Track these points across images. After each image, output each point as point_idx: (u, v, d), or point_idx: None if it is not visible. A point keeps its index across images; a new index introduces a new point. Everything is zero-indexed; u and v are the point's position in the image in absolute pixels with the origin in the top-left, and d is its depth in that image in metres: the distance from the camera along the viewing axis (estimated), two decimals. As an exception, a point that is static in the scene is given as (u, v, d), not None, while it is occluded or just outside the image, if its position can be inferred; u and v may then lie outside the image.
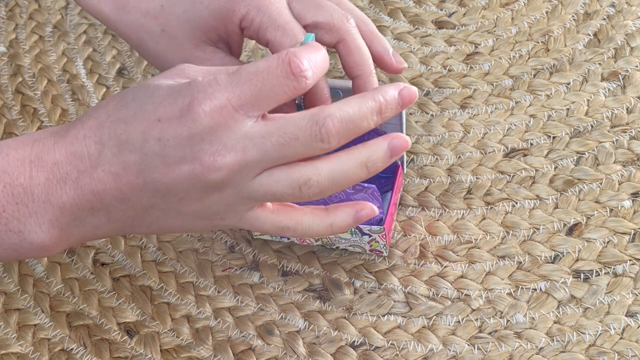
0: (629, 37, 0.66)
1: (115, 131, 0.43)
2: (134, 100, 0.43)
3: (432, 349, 0.53)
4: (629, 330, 0.52)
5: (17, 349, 0.55)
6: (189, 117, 0.41)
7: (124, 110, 0.43)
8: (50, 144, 0.44)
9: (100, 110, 0.44)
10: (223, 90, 0.41)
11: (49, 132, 0.45)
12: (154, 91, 0.43)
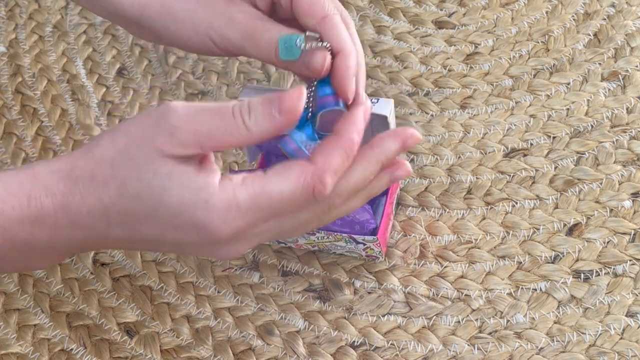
0: (629, 37, 0.66)
1: (126, 222, 0.43)
2: (139, 198, 0.42)
3: (432, 349, 0.53)
4: (629, 331, 0.52)
5: (17, 349, 0.55)
6: (208, 237, 0.42)
7: (130, 205, 0.43)
8: (50, 207, 0.43)
9: (99, 189, 0.43)
10: (243, 216, 0.42)
11: (43, 188, 0.43)
12: (163, 195, 0.42)
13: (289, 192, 0.42)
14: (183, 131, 0.41)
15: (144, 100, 0.67)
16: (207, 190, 0.41)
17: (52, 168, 0.44)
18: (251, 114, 0.41)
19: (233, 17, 0.48)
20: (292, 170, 0.42)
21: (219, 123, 0.41)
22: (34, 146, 0.65)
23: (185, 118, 0.41)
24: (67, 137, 0.66)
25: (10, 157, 0.65)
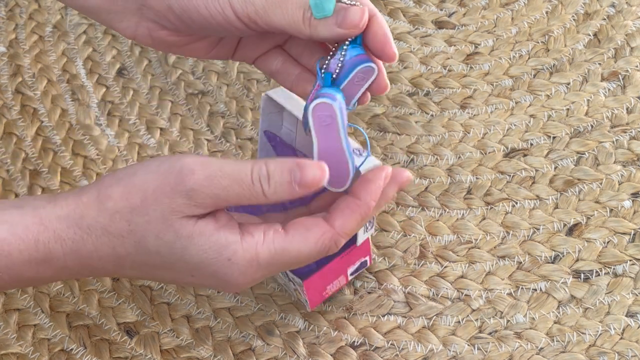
0: (629, 37, 0.66)
1: (140, 269, 0.44)
2: (158, 254, 0.43)
3: (432, 349, 0.53)
4: (629, 331, 0.52)
5: (17, 349, 0.55)
6: (225, 284, 0.44)
7: (148, 259, 0.43)
8: (59, 252, 0.43)
9: (114, 241, 0.43)
10: (261, 270, 0.43)
11: (52, 233, 0.43)
12: (184, 254, 0.43)
13: (306, 252, 0.44)
14: (201, 195, 0.41)
15: (144, 100, 0.67)
16: (229, 248, 0.42)
17: (59, 214, 0.43)
18: (270, 183, 0.42)
19: None
20: (312, 232, 0.43)
21: (238, 190, 0.42)
22: (33, 146, 0.65)
23: (203, 182, 0.41)
24: (67, 137, 0.66)
25: (10, 157, 0.65)
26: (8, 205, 0.44)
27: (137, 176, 0.42)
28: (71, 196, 0.44)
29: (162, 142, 0.65)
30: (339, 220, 0.44)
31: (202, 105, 0.66)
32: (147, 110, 0.67)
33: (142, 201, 0.42)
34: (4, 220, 0.43)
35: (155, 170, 0.42)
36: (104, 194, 0.43)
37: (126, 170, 0.43)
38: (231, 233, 0.43)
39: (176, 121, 0.66)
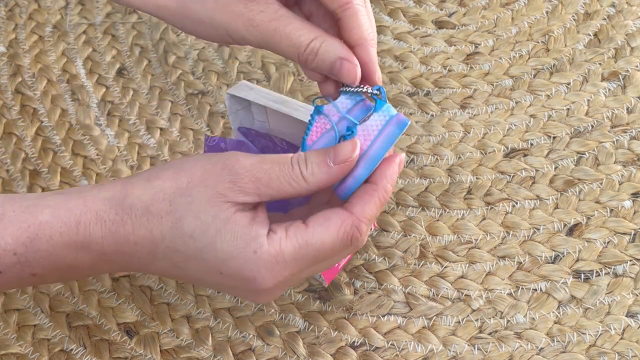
0: (629, 37, 0.66)
1: (172, 258, 0.45)
2: (192, 238, 0.44)
3: (432, 349, 0.53)
4: (630, 331, 0.52)
5: (16, 349, 0.55)
6: (252, 286, 0.44)
7: (181, 243, 0.44)
8: (98, 234, 0.44)
9: (153, 221, 0.44)
10: (288, 267, 0.44)
11: (94, 214, 0.44)
12: (216, 239, 0.44)
13: (330, 242, 0.44)
14: (244, 179, 0.43)
15: (144, 100, 0.67)
16: (257, 241, 0.43)
17: (105, 195, 0.44)
18: (308, 165, 0.44)
19: (252, 19, 0.47)
20: (332, 221, 0.44)
21: (278, 172, 0.44)
22: (33, 146, 0.65)
23: (248, 167, 0.43)
24: (67, 137, 0.66)
25: (10, 157, 0.65)
26: (54, 193, 0.45)
27: (188, 162, 0.44)
28: (120, 180, 0.45)
29: (162, 142, 0.65)
30: (357, 206, 0.45)
31: (202, 105, 0.66)
32: (147, 110, 0.67)
33: (188, 183, 0.44)
34: (48, 205, 0.44)
35: (205, 159, 0.44)
36: (154, 175, 0.45)
37: (178, 160, 0.45)
38: (261, 229, 0.44)
39: (176, 121, 0.66)
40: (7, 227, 0.43)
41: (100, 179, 0.63)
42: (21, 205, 0.44)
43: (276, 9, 0.47)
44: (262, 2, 0.47)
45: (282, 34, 0.47)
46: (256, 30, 0.47)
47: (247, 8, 0.47)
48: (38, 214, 0.43)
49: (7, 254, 0.43)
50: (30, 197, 0.45)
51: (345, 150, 0.44)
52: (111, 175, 0.63)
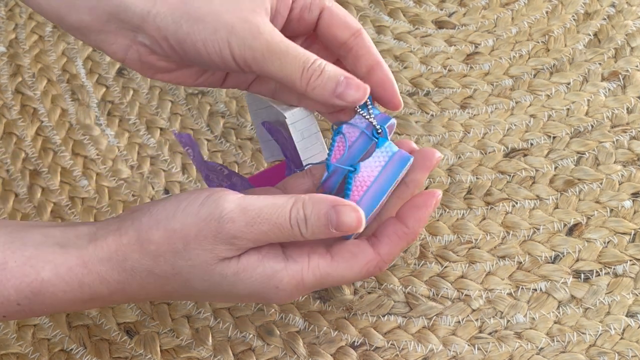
0: (629, 37, 0.66)
1: (189, 298, 0.48)
2: (205, 291, 0.45)
3: (432, 349, 0.53)
4: (630, 331, 0.52)
5: (16, 349, 0.55)
6: (271, 302, 0.45)
7: (195, 292, 0.45)
8: (104, 292, 0.45)
9: (161, 280, 0.44)
10: (306, 290, 0.45)
11: (97, 276, 0.44)
12: (233, 289, 0.44)
13: (350, 277, 0.45)
14: (242, 241, 0.43)
15: (144, 100, 0.67)
16: (276, 277, 0.44)
17: (101, 256, 0.44)
18: (308, 226, 0.43)
19: (259, 27, 0.44)
20: (358, 259, 0.45)
21: (277, 233, 0.43)
22: (33, 146, 0.65)
23: (244, 229, 0.42)
24: (67, 137, 0.66)
25: (10, 157, 0.65)
26: (51, 240, 0.44)
27: (176, 220, 0.43)
28: (111, 236, 0.44)
29: (162, 142, 0.65)
30: (386, 247, 0.46)
31: (202, 105, 0.66)
32: (147, 110, 0.67)
33: (185, 246, 0.43)
34: (48, 260, 0.43)
35: (194, 214, 0.43)
36: (144, 237, 0.43)
37: (163, 209, 0.44)
38: (275, 262, 0.44)
39: (176, 121, 0.66)
40: (10, 279, 0.43)
41: (100, 179, 0.63)
42: (22, 256, 0.43)
43: (275, 29, 0.45)
44: (265, 16, 0.45)
45: (289, 47, 0.45)
46: (261, 38, 0.44)
47: (254, 16, 0.44)
48: (40, 270, 0.43)
49: (10, 304, 0.44)
50: (29, 242, 0.44)
51: (349, 222, 0.43)
52: (111, 175, 0.63)
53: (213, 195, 0.43)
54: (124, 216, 0.46)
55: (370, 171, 0.46)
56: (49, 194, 0.63)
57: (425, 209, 0.46)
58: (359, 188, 0.46)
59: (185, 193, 0.45)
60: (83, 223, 0.47)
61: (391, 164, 0.46)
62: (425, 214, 0.46)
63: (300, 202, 0.43)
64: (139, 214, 0.44)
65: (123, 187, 0.63)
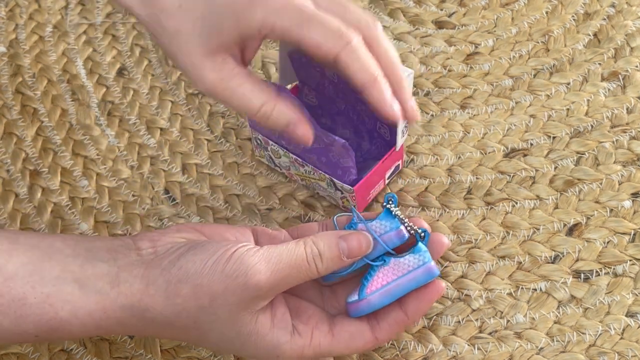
0: (629, 37, 0.66)
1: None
2: (216, 344, 0.47)
3: (432, 349, 0.53)
4: (629, 331, 0.52)
5: (17, 349, 0.55)
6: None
7: (204, 342, 0.48)
8: (119, 331, 0.47)
9: (177, 331, 0.46)
10: (316, 351, 0.48)
11: (115, 321, 0.45)
12: (241, 348, 0.47)
13: (346, 353, 0.48)
14: (265, 289, 0.45)
15: (144, 101, 0.67)
16: (279, 348, 0.46)
17: (123, 303, 0.45)
18: (323, 261, 0.46)
19: (205, 75, 0.47)
20: (356, 342, 0.48)
21: (296, 275, 0.46)
22: (34, 146, 0.65)
23: (269, 279, 0.45)
24: (67, 137, 0.66)
25: (11, 157, 0.65)
26: (69, 276, 0.45)
27: (204, 277, 0.44)
28: (137, 282, 0.45)
29: (162, 142, 0.65)
30: (384, 334, 0.48)
31: (202, 105, 0.66)
32: (147, 110, 0.67)
33: (211, 302, 0.45)
34: (66, 300, 0.44)
35: (220, 271, 0.44)
36: (172, 290, 0.45)
37: (192, 263, 0.45)
38: (283, 334, 0.47)
39: (176, 121, 0.66)
40: (30, 315, 0.44)
41: (101, 179, 0.63)
42: (42, 293, 0.44)
43: (230, 69, 0.47)
44: (219, 60, 0.47)
45: (233, 95, 0.47)
46: (208, 86, 0.47)
47: (203, 64, 0.47)
48: (58, 310, 0.44)
49: (29, 336, 0.45)
50: (47, 276, 0.45)
51: (358, 247, 0.47)
52: (111, 176, 0.63)
53: (237, 252, 0.45)
54: (150, 260, 0.46)
55: (396, 270, 0.49)
56: (49, 194, 0.63)
57: (427, 302, 0.49)
58: (379, 281, 0.48)
59: (211, 245, 0.46)
60: (101, 252, 0.47)
61: (418, 271, 0.48)
62: (426, 306, 0.49)
63: (310, 240, 0.46)
64: (168, 263, 0.45)
65: (123, 187, 0.63)
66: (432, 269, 0.48)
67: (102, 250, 0.47)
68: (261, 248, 0.46)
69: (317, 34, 0.45)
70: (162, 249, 0.47)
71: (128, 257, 0.46)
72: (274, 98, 0.47)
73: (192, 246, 0.46)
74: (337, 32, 0.45)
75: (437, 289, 0.49)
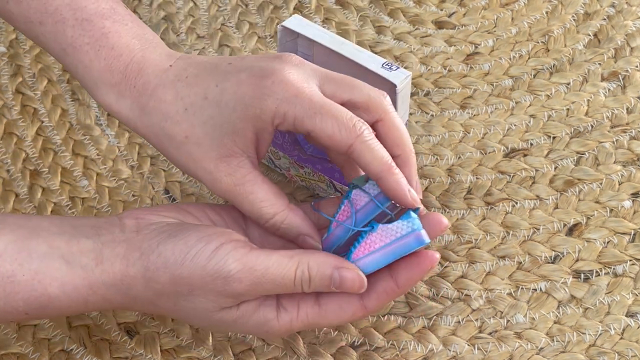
0: (629, 37, 0.66)
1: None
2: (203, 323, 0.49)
3: (432, 349, 0.53)
4: (629, 331, 0.52)
5: (17, 349, 0.55)
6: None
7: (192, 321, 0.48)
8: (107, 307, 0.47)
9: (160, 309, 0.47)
10: (295, 332, 0.48)
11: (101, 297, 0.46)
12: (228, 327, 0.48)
13: (336, 323, 0.48)
14: (246, 297, 0.45)
15: (144, 101, 0.67)
16: (267, 325, 0.46)
17: (106, 281, 0.45)
18: (311, 285, 0.45)
19: (219, 180, 0.47)
20: (345, 312, 0.47)
21: (280, 290, 0.45)
22: (34, 146, 0.65)
23: (249, 288, 0.44)
24: (67, 137, 0.66)
25: (11, 157, 0.65)
26: (56, 252, 0.45)
27: (184, 268, 0.44)
28: (117, 263, 0.45)
29: (162, 142, 0.65)
30: (374, 303, 0.47)
31: (202, 106, 0.66)
32: (147, 110, 0.67)
33: (190, 292, 0.45)
34: (54, 277, 0.45)
35: (201, 267, 0.44)
36: (150, 276, 0.45)
37: (172, 253, 0.44)
38: (269, 310, 0.46)
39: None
40: (19, 292, 0.44)
41: (101, 179, 0.63)
42: (30, 269, 0.44)
43: (244, 174, 0.47)
44: (234, 164, 0.47)
45: (245, 201, 0.47)
46: (221, 190, 0.47)
47: (217, 168, 0.47)
48: (47, 286, 0.44)
49: (19, 313, 0.45)
50: (34, 253, 0.45)
51: (353, 283, 0.45)
52: (111, 176, 0.63)
53: (222, 249, 0.44)
54: (132, 239, 0.46)
55: (383, 236, 0.47)
56: (49, 194, 0.63)
57: (419, 271, 0.47)
58: (366, 247, 0.47)
59: (194, 233, 0.45)
60: (85, 229, 0.47)
61: (407, 238, 0.46)
62: (418, 276, 0.47)
63: (304, 263, 0.45)
64: (147, 248, 0.45)
65: (123, 187, 0.63)
66: (422, 236, 0.46)
67: (87, 226, 0.47)
68: (250, 252, 0.44)
69: (328, 125, 0.45)
70: (145, 228, 0.46)
71: (112, 233, 0.46)
72: (284, 209, 0.48)
73: (173, 232, 0.45)
74: (349, 124, 0.45)
75: (431, 259, 0.46)
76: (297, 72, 0.46)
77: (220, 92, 0.46)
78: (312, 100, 0.45)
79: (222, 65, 0.48)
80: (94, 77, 0.49)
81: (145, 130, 0.49)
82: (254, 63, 0.47)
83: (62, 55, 0.50)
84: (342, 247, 0.48)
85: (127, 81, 0.49)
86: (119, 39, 0.49)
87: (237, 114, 0.46)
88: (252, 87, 0.45)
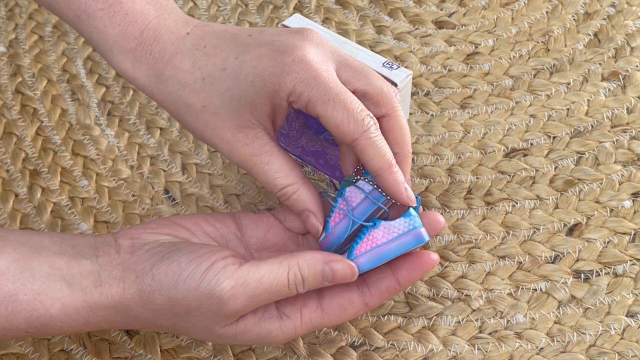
0: (629, 37, 0.66)
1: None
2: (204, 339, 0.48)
3: (432, 349, 0.53)
4: (630, 331, 0.52)
5: (16, 349, 0.55)
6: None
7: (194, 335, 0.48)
8: (107, 327, 0.47)
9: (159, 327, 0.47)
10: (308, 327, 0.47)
11: (101, 318, 0.46)
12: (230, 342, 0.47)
13: (339, 323, 0.48)
14: (245, 310, 0.45)
15: (144, 100, 0.67)
16: (270, 336, 0.47)
17: (106, 304, 0.45)
18: (305, 285, 0.45)
19: (236, 148, 0.47)
20: (347, 312, 0.47)
21: (275, 297, 0.45)
22: (33, 146, 0.65)
23: (245, 303, 0.45)
24: (67, 137, 0.66)
25: (10, 157, 0.65)
26: (57, 273, 0.45)
27: (178, 290, 0.44)
28: (115, 286, 0.45)
29: (162, 142, 0.65)
30: (375, 301, 0.48)
31: (202, 105, 0.66)
32: (147, 110, 0.67)
33: (187, 313, 0.45)
34: (56, 298, 0.45)
35: (194, 288, 0.44)
36: (147, 298, 0.45)
37: (165, 275, 0.45)
38: (270, 322, 0.46)
39: (176, 121, 0.66)
40: (20, 312, 0.44)
41: (101, 179, 0.63)
42: (32, 290, 0.44)
43: (261, 145, 0.47)
44: (251, 135, 0.47)
45: (260, 171, 0.48)
46: (238, 159, 0.48)
47: (235, 138, 0.47)
48: (48, 307, 0.45)
49: (20, 331, 0.45)
50: (36, 273, 0.45)
51: (344, 276, 0.46)
52: (111, 176, 0.63)
53: (212, 269, 0.44)
54: (127, 261, 0.46)
55: (385, 233, 0.47)
56: (49, 194, 0.63)
57: (420, 272, 0.48)
58: (369, 243, 0.47)
59: (185, 255, 0.45)
60: (84, 249, 0.47)
61: (407, 236, 0.47)
62: (419, 276, 0.48)
63: (294, 266, 0.45)
64: (141, 270, 0.45)
65: (123, 187, 0.63)
66: (422, 234, 0.47)
67: (86, 246, 0.47)
68: (241, 267, 0.44)
69: (339, 115, 0.45)
70: (139, 249, 0.46)
71: (108, 254, 0.46)
72: (298, 180, 0.48)
73: (166, 254, 0.45)
74: (359, 117, 0.46)
75: (431, 261, 0.48)
76: (317, 52, 0.46)
77: (239, 65, 0.46)
78: (328, 85, 0.45)
79: (241, 37, 0.48)
80: (109, 44, 0.49)
81: (162, 98, 0.49)
82: (274, 37, 0.47)
83: (76, 22, 0.50)
84: (341, 246, 0.49)
85: (143, 48, 0.49)
86: (132, 4, 0.49)
87: (255, 88, 0.46)
88: (272, 62, 0.46)
